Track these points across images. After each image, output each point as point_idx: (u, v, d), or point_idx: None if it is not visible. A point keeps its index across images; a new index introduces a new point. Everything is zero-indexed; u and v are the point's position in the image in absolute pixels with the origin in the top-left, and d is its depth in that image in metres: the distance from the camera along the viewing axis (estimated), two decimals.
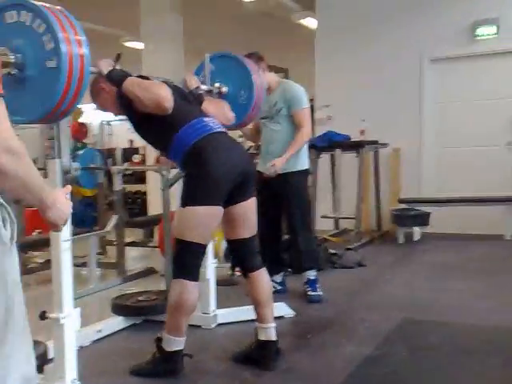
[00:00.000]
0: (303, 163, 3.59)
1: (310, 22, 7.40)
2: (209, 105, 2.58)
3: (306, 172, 3.57)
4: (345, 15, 6.49)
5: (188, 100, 2.48)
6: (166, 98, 2.21)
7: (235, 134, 3.85)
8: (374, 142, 5.91)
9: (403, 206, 5.88)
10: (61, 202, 1.30)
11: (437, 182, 6.17)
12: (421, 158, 6.22)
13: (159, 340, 2.41)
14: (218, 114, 2.56)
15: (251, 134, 3.85)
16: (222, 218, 2.38)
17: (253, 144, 4.94)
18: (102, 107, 2.48)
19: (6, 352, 1.20)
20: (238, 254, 2.55)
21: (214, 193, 2.28)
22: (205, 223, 2.30)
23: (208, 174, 2.26)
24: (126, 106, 2.31)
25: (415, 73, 6.18)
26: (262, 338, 2.51)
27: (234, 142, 2.49)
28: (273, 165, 3.42)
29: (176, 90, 2.44)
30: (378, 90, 6.27)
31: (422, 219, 5.65)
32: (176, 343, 2.37)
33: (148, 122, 2.34)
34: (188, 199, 2.29)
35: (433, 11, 6.07)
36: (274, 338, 2.51)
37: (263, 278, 2.52)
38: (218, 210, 2.31)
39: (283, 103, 3.49)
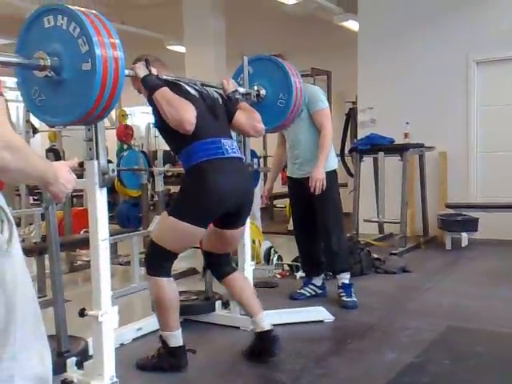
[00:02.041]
0: (330, 164, 3.53)
1: (352, 25, 7.31)
2: (241, 114, 2.60)
3: (334, 172, 3.51)
4: (387, 17, 6.37)
5: (215, 114, 2.50)
6: (189, 122, 2.26)
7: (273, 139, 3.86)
8: (420, 146, 5.77)
9: (450, 210, 5.71)
10: (63, 177, 1.34)
11: (484, 187, 5.96)
12: (468, 162, 6.02)
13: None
14: (247, 125, 2.61)
15: (278, 154, 3.82)
16: (213, 232, 2.55)
17: None
18: (138, 91, 2.53)
19: (11, 353, 1.20)
20: (214, 262, 2.68)
21: (202, 216, 2.39)
22: (183, 238, 2.42)
23: (202, 197, 2.35)
24: (154, 106, 2.35)
25: (461, 75, 5.99)
26: (258, 330, 2.62)
27: (241, 170, 2.55)
28: (314, 181, 3.35)
29: (208, 101, 2.49)
30: (423, 92, 6.12)
31: (471, 225, 5.46)
32: (173, 338, 2.44)
33: (168, 124, 2.36)
34: (176, 211, 2.39)
35: (478, 12, 5.88)
36: (267, 327, 2.61)
37: (238, 279, 2.68)
38: (200, 231, 2.41)
39: (303, 104, 3.45)
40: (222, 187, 2.38)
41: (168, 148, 2.65)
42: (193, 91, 2.46)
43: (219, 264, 2.67)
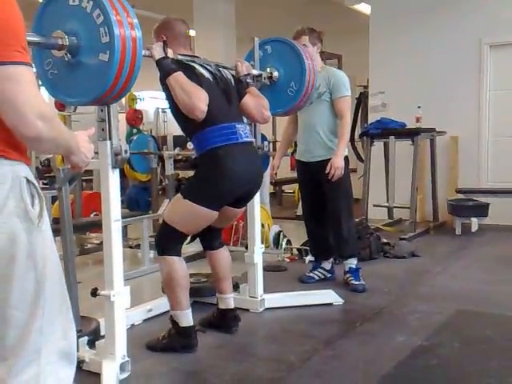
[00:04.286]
0: None
1: (364, 8, 7.21)
2: (250, 99, 2.62)
3: (345, 159, 3.49)
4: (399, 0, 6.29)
5: (229, 98, 2.51)
6: (200, 110, 2.28)
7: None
8: (431, 130, 5.72)
9: (460, 196, 5.68)
10: (84, 146, 1.36)
11: (495, 172, 5.91)
12: (479, 147, 5.96)
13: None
14: (254, 111, 2.63)
15: (288, 132, 3.81)
16: None
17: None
18: None
19: (38, 326, 1.23)
20: (208, 234, 2.68)
21: (215, 200, 2.43)
22: (196, 221, 2.46)
23: (217, 183, 2.39)
24: (167, 89, 2.35)
25: (474, 59, 5.91)
26: (222, 306, 2.74)
27: (254, 155, 2.62)
28: (331, 169, 3.34)
29: (222, 84, 2.49)
30: (435, 76, 6.05)
31: (481, 210, 5.43)
32: (183, 317, 2.47)
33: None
34: (190, 194, 2.43)
35: None
36: (231, 306, 2.75)
37: (223, 257, 2.73)
38: (213, 214, 2.44)
39: (326, 88, 3.42)
40: (237, 173, 2.42)
41: (177, 133, 2.66)
42: (207, 74, 2.46)
43: (211, 237, 2.71)
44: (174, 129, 2.66)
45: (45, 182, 5.81)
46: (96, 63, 1.78)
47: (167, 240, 2.48)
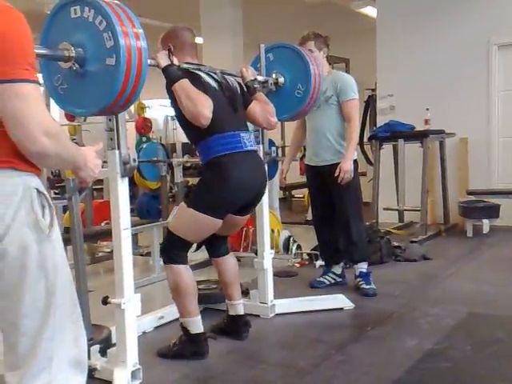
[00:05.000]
0: None
1: (370, 11, 7.22)
2: (256, 105, 2.63)
3: (355, 162, 3.48)
4: (406, 2, 6.28)
5: (235, 106, 2.53)
6: (205, 117, 2.29)
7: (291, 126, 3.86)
8: (440, 132, 5.70)
9: (471, 197, 5.64)
10: (91, 161, 1.38)
11: (506, 173, 5.86)
12: (489, 148, 5.93)
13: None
14: (261, 117, 2.64)
15: (297, 137, 3.82)
16: None
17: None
18: None
19: (50, 335, 1.25)
20: (214, 242, 2.68)
21: (220, 208, 2.44)
22: (200, 229, 2.47)
23: (221, 191, 2.40)
24: (173, 96, 2.37)
25: (482, 60, 5.88)
26: (232, 313, 2.76)
27: (258, 163, 2.61)
28: (341, 172, 3.34)
29: (227, 92, 2.51)
30: (443, 78, 6.03)
31: (492, 211, 5.39)
32: (193, 324, 2.48)
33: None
34: (194, 202, 2.44)
35: None
36: (241, 312, 2.76)
37: (229, 263, 2.75)
38: (217, 223, 2.45)
39: (333, 91, 3.42)
40: (241, 181, 2.43)
41: (186, 140, 2.68)
42: (212, 82, 2.47)
43: (218, 244, 2.72)
44: (183, 136, 2.67)
45: (56, 191, 5.86)
46: (103, 69, 1.80)
47: (172, 248, 2.50)
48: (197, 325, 2.49)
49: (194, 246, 2.66)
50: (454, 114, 5.89)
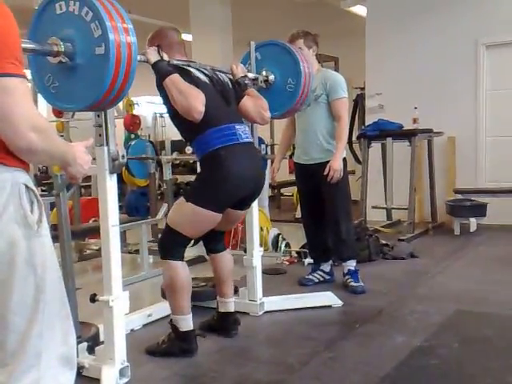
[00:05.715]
0: None
1: (360, 10, 7.24)
2: (248, 100, 2.62)
3: (343, 160, 3.49)
4: (395, 1, 6.30)
5: (227, 100, 2.52)
6: (197, 111, 2.27)
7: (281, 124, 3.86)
8: (428, 131, 5.74)
9: (459, 196, 5.69)
10: (81, 157, 1.37)
11: (493, 172, 5.92)
12: (477, 147, 5.98)
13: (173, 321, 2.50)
14: (254, 112, 2.62)
15: (287, 135, 3.81)
16: None
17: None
18: None
19: (38, 331, 1.24)
20: (211, 237, 2.66)
21: (220, 202, 2.42)
22: (199, 224, 2.44)
23: (220, 184, 2.38)
24: (164, 93, 2.36)
25: (470, 59, 5.93)
26: (222, 310, 2.76)
27: (255, 155, 2.60)
28: (330, 171, 3.35)
29: (219, 86, 2.49)
30: (431, 77, 6.06)
31: (479, 210, 5.44)
32: (184, 322, 2.46)
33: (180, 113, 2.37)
34: (193, 197, 2.43)
35: None
36: (231, 310, 2.76)
37: (226, 260, 2.74)
38: (216, 217, 2.43)
39: (323, 90, 3.43)
40: (240, 174, 2.41)
41: (176, 137, 2.66)
42: (203, 77, 2.46)
43: (215, 239, 2.71)
44: (172, 133, 2.66)
45: (43, 188, 5.81)
46: (93, 60, 1.78)
47: (170, 244, 2.47)
48: (187, 323, 2.48)
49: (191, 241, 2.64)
50: (442, 113, 5.93)
